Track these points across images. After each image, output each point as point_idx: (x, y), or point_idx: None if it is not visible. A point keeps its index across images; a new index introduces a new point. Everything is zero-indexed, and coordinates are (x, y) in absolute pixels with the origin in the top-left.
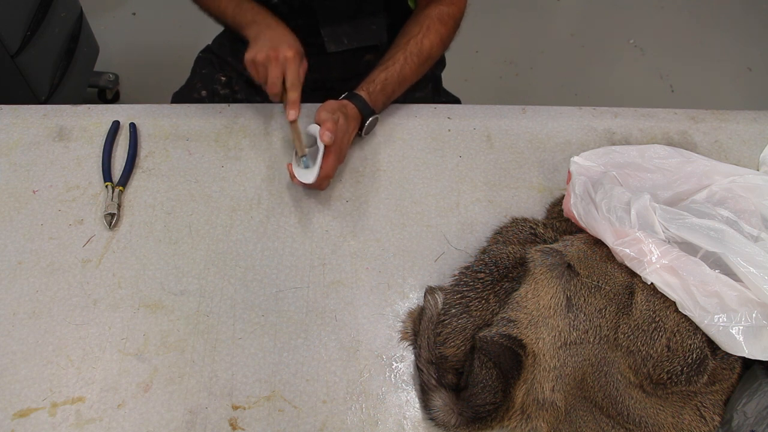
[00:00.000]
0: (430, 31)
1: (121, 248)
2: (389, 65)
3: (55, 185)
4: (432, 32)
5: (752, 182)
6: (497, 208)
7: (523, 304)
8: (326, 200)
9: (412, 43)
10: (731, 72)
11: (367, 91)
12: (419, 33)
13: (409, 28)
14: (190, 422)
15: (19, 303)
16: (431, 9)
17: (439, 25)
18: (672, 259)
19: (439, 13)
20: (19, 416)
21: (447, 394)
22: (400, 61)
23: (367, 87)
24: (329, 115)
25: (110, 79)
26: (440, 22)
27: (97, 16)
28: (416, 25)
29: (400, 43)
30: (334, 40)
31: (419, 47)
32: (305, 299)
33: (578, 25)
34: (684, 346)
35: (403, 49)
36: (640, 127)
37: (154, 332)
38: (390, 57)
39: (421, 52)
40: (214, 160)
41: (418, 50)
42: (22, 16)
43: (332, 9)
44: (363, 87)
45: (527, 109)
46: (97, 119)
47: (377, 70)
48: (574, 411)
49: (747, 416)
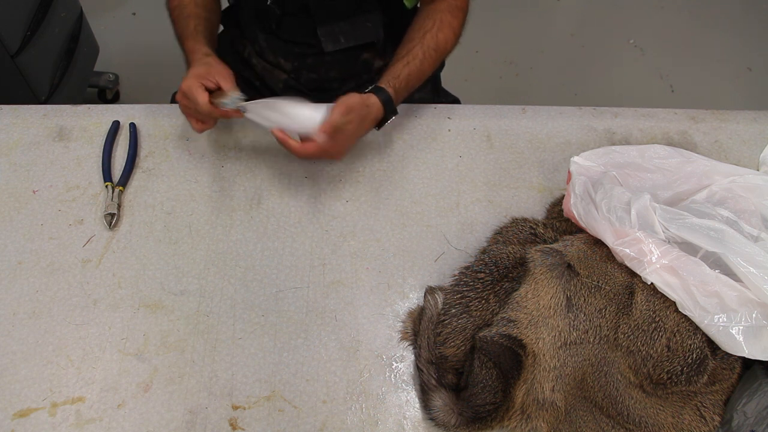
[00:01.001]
0: (444, 25)
1: (121, 248)
2: (410, 60)
3: (55, 185)
4: (445, 26)
5: (752, 182)
6: (497, 208)
7: (523, 304)
8: (326, 200)
9: (428, 37)
10: (731, 72)
11: (393, 87)
12: (434, 27)
13: (422, 22)
14: (190, 422)
15: (19, 303)
16: (439, 2)
17: (451, 17)
18: (672, 259)
19: (448, 6)
20: (19, 416)
21: (447, 394)
22: (419, 57)
23: (393, 83)
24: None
25: (110, 79)
26: (451, 15)
27: (97, 16)
28: (429, 19)
29: (416, 38)
30: (331, 39)
31: (436, 41)
32: (305, 299)
33: (578, 25)
34: (684, 346)
35: (421, 44)
36: (640, 127)
37: (154, 332)
38: (408, 51)
39: (438, 46)
40: (214, 160)
41: (435, 44)
42: (22, 16)
43: (329, 8)
44: (389, 82)
45: (527, 109)
46: (97, 119)
47: (399, 64)
48: (574, 411)
49: (747, 416)
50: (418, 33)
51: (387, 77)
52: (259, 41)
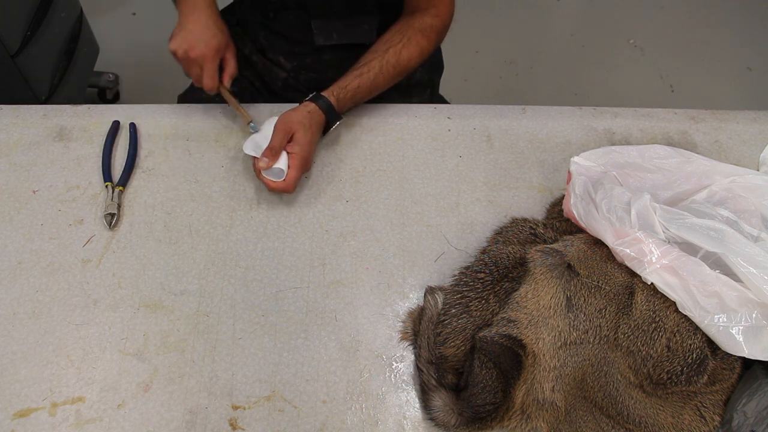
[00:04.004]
0: (410, 43)
1: (121, 248)
2: (364, 72)
3: (55, 185)
4: (412, 44)
5: (752, 182)
6: (497, 208)
7: (523, 304)
8: (326, 200)
9: (390, 53)
10: (731, 72)
11: (336, 97)
12: (399, 43)
13: (390, 36)
14: (190, 422)
15: (19, 303)
16: (415, 19)
17: (421, 37)
18: (672, 259)
19: (422, 25)
20: (19, 416)
21: (447, 394)
22: (375, 69)
23: (337, 92)
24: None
25: (110, 79)
26: (422, 35)
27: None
28: (397, 34)
29: (379, 50)
30: (324, 34)
31: (397, 58)
32: (305, 299)
33: (578, 25)
34: (684, 346)
35: (381, 57)
36: (640, 127)
37: (154, 332)
38: (366, 63)
39: (398, 63)
40: (214, 160)
41: (395, 61)
42: (22, 16)
43: (325, 5)
44: (333, 91)
45: (527, 109)
46: (97, 119)
47: (351, 74)
48: (574, 411)
49: (747, 416)
50: (383, 46)
51: (334, 86)
52: (260, 39)
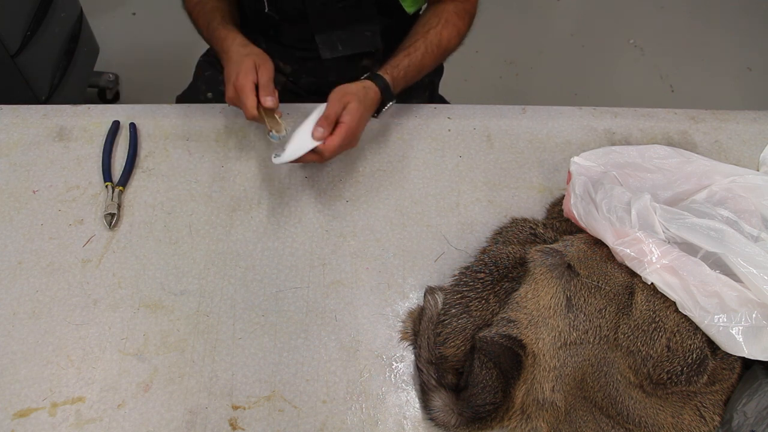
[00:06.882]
0: (448, 24)
1: (121, 248)
2: (411, 52)
3: (55, 185)
4: (450, 25)
5: (752, 182)
6: (497, 208)
7: (523, 304)
8: (326, 200)
9: (432, 33)
10: (731, 72)
11: (391, 75)
12: (438, 24)
13: (427, 19)
14: (190, 422)
15: (19, 303)
16: (447, 3)
17: (457, 18)
18: (672, 259)
19: (456, 8)
20: (19, 416)
21: (447, 394)
22: (421, 49)
23: (391, 71)
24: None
25: (110, 79)
26: (458, 16)
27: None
28: (435, 17)
29: (420, 32)
30: (329, 46)
31: (439, 38)
32: (305, 299)
33: (578, 25)
34: (684, 346)
35: (424, 38)
36: (640, 127)
37: (154, 332)
38: (411, 44)
39: (440, 43)
40: (214, 160)
41: (438, 41)
42: (22, 16)
43: (325, 16)
44: (387, 70)
45: (527, 109)
46: (97, 119)
47: (401, 54)
48: (574, 411)
49: (747, 416)
50: (423, 28)
51: (386, 66)
52: (260, 44)
